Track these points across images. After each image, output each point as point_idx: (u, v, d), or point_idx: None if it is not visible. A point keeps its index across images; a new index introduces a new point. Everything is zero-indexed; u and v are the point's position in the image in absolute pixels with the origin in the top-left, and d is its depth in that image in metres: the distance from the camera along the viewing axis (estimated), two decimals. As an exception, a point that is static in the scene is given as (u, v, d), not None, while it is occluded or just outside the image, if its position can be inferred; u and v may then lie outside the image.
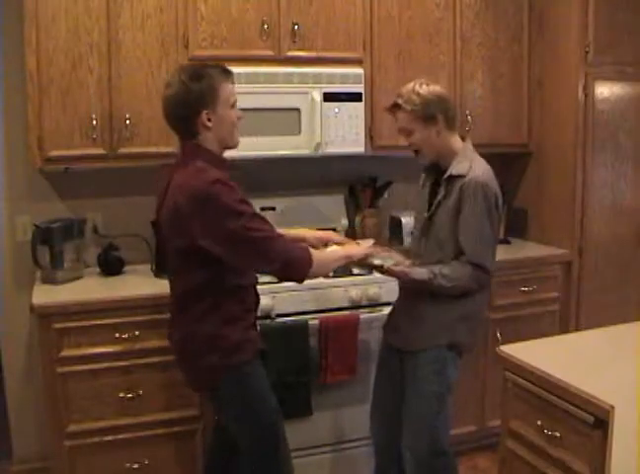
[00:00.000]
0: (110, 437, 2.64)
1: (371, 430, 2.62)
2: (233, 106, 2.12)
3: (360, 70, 3.06)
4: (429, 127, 2.26)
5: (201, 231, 1.97)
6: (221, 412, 2.30)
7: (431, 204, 2.35)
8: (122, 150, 2.78)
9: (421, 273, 2.28)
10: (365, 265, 2.41)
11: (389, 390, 2.51)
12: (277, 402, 2.21)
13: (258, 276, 2.27)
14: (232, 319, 2.12)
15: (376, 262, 2.34)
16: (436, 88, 2.29)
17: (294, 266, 2.08)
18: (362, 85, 3.05)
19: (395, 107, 2.30)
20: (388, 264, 2.33)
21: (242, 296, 2.15)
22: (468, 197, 2.22)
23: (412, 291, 2.38)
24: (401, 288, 2.50)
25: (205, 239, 1.97)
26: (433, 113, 2.25)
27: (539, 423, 1.87)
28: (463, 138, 2.37)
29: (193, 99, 2.03)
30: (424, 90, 2.26)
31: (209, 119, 2.05)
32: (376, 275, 2.59)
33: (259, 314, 2.63)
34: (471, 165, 2.27)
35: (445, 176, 2.29)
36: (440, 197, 2.30)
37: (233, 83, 2.13)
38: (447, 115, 2.29)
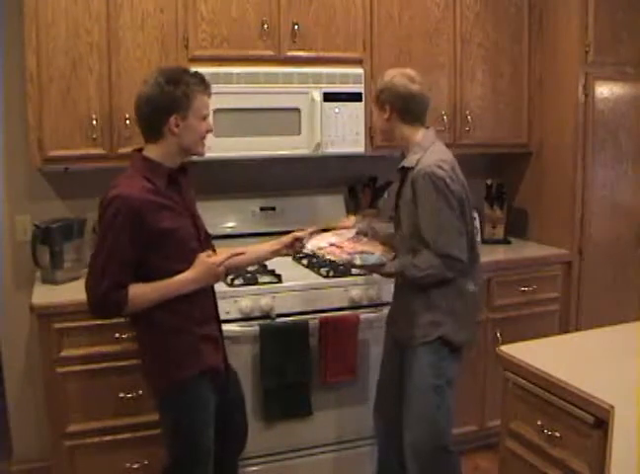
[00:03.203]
0: (110, 437, 2.64)
1: (374, 423, 2.64)
2: (204, 118, 2.10)
3: (360, 70, 3.06)
4: (380, 112, 2.37)
5: None
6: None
7: (397, 198, 2.43)
8: (122, 150, 2.78)
9: (393, 265, 2.33)
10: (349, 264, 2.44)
11: (391, 385, 2.53)
12: (209, 439, 2.13)
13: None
14: (170, 330, 2.07)
15: (357, 262, 2.35)
16: (400, 80, 2.34)
17: (94, 305, 2.01)
18: (363, 85, 3.05)
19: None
20: (370, 261, 2.34)
21: (176, 306, 2.05)
22: (419, 190, 2.26)
23: (403, 286, 2.42)
24: (396, 282, 2.53)
25: None
26: (383, 100, 2.35)
27: (539, 423, 1.87)
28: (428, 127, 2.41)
29: (164, 101, 2.01)
30: (387, 78, 2.36)
31: (177, 125, 2.03)
32: (376, 274, 2.59)
33: (258, 314, 2.65)
34: (422, 156, 2.30)
35: (398, 168, 2.37)
36: (397, 190, 2.39)
37: (209, 96, 2.11)
38: (400, 107, 2.33)
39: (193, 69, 2.14)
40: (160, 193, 2.03)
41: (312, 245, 2.45)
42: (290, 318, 2.70)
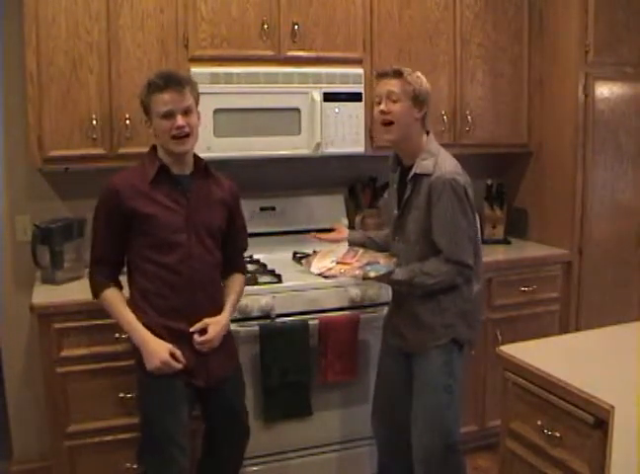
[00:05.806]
0: (110, 437, 2.64)
1: (373, 429, 2.63)
2: (165, 116, 2.14)
3: (359, 70, 3.06)
4: (412, 109, 2.30)
5: None
6: None
7: (400, 202, 2.38)
8: (122, 150, 2.78)
9: (401, 273, 2.30)
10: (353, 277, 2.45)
11: (390, 389, 2.52)
12: (167, 422, 2.18)
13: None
14: (136, 311, 2.21)
15: (371, 275, 2.34)
16: (429, 87, 2.37)
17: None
18: (362, 85, 3.05)
19: (397, 74, 2.30)
20: (382, 271, 2.32)
21: (145, 293, 2.20)
22: (438, 196, 2.24)
23: (407, 297, 2.38)
24: (393, 290, 2.50)
25: None
26: (424, 99, 2.31)
27: (539, 423, 1.87)
28: (427, 133, 2.39)
29: (142, 106, 2.21)
30: (425, 80, 2.34)
31: (150, 128, 2.21)
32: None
33: (258, 314, 2.65)
34: (436, 162, 2.28)
35: (410, 175, 2.30)
36: (406, 195, 2.32)
37: (168, 91, 2.13)
38: (427, 112, 2.35)
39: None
40: (146, 180, 2.18)
41: (317, 268, 2.48)
42: (290, 318, 2.70)
